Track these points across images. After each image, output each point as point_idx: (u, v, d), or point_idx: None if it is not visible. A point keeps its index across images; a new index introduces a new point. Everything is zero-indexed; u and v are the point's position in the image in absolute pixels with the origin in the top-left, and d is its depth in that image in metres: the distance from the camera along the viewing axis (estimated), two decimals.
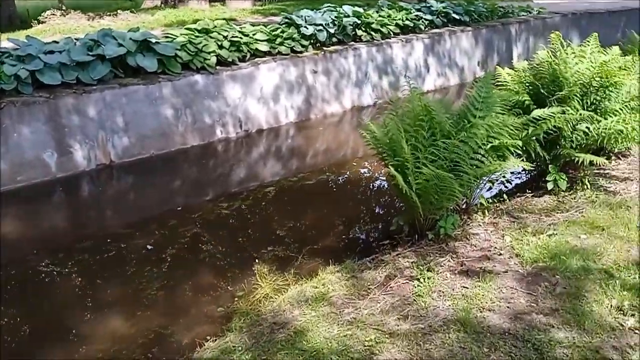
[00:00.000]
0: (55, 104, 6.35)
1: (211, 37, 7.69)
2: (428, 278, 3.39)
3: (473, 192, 4.04)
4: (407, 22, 10.09)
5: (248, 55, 8.06)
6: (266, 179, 6.82)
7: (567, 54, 4.63)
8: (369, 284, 3.48)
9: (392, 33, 9.85)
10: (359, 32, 9.45)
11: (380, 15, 9.88)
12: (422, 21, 10.37)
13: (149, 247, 4.82)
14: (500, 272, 3.33)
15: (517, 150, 3.99)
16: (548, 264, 3.32)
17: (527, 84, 4.55)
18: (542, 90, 4.35)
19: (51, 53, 6.41)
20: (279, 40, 8.43)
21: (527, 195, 4.72)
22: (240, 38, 8.01)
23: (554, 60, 4.42)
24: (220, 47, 7.70)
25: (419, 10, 10.55)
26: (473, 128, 3.67)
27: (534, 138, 4.02)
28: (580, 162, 4.26)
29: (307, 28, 8.70)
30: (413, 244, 3.97)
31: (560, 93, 4.21)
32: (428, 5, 10.84)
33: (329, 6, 9.82)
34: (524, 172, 5.11)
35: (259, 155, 7.72)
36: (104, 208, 6.15)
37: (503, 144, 3.63)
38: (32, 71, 6.22)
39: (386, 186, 5.99)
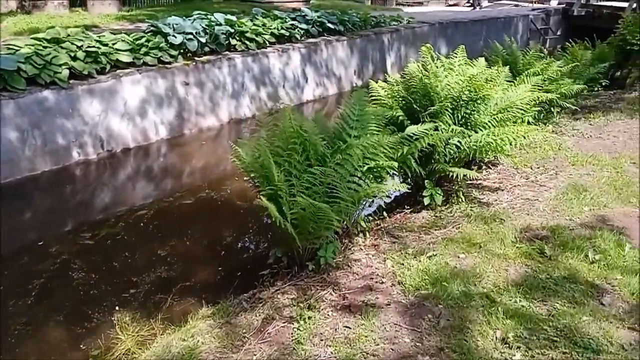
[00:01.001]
0: None
1: (62, 48, 6.83)
2: (309, 318, 3.08)
3: (352, 216, 3.81)
4: (282, 31, 9.85)
5: (108, 67, 7.28)
6: (133, 205, 6.13)
7: (437, 66, 4.61)
8: (244, 331, 3.08)
9: (267, 42, 9.55)
10: (233, 42, 9.03)
11: (254, 24, 9.54)
12: (298, 30, 10.20)
13: None
14: (383, 304, 3.11)
15: (393, 170, 3.85)
16: (430, 292, 3.17)
17: (400, 99, 4.46)
18: (414, 105, 4.27)
19: None
20: (143, 50, 7.75)
21: (406, 211, 4.62)
22: (98, 48, 7.22)
23: (424, 74, 4.36)
24: (74, 58, 6.86)
25: (294, 19, 10.37)
26: (348, 149, 3.44)
27: (409, 156, 3.90)
28: (454, 176, 4.23)
29: (176, 37, 8.10)
30: (293, 277, 3.64)
31: (432, 108, 4.15)
32: (303, 14, 10.71)
33: (200, 14, 9.29)
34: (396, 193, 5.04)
35: (125, 178, 6.99)
36: None
37: (379, 166, 3.44)
38: None
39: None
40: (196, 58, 8.43)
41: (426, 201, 4.41)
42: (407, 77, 4.58)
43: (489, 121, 4.32)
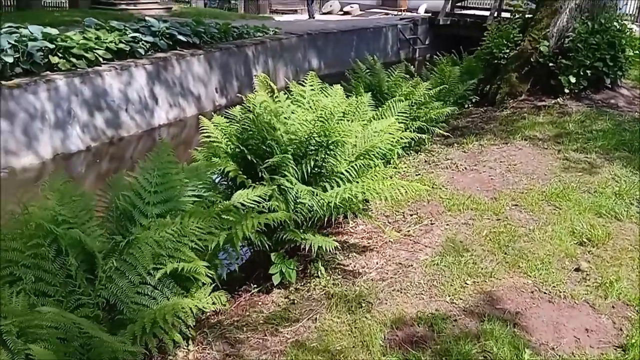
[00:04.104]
0: None
1: None
2: None
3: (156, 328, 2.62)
4: (121, 46, 8.36)
5: None
6: None
7: (278, 100, 3.57)
8: None
9: (102, 59, 8.01)
10: (55, 59, 7.40)
11: (85, 38, 7.95)
12: (142, 44, 8.77)
13: None
14: None
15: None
16: None
17: (232, 146, 3.35)
18: (249, 156, 3.18)
19: None
20: None
21: (254, 290, 3.53)
22: None
23: (259, 113, 3.29)
24: None
25: (136, 30, 8.91)
26: (133, 246, 2.25)
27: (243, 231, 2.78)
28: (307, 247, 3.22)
29: None
30: None
31: (271, 161, 3.09)
32: (148, 24, 9.28)
33: (10, 26, 7.51)
34: (248, 253, 3.94)
35: None
36: None
37: (180, 269, 2.30)
38: None
39: None
40: (3, 82, 6.71)
41: (275, 280, 3.35)
42: (242, 115, 3.50)
43: (346, 170, 3.36)
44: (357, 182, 3.41)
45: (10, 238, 2.21)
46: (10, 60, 6.72)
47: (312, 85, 4.02)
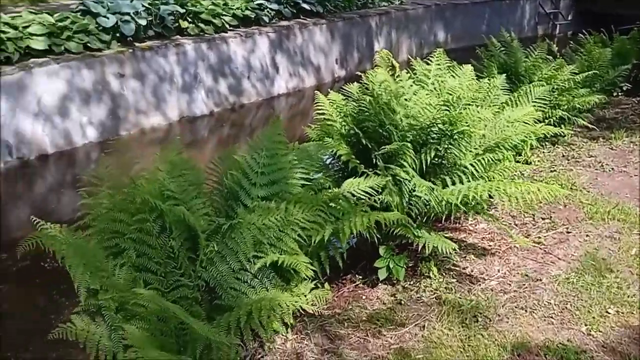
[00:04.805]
0: None
1: None
2: None
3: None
4: (247, 13, 8.40)
5: (17, 55, 5.90)
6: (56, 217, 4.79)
7: (400, 79, 3.22)
8: None
9: (228, 26, 8.11)
10: (184, 24, 7.60)
11: (212, 4, 8.08)
12: (267, 11, 8.75)
13: None
14: None
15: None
16: None
17: (347, 128, 3.09)
18: (363, 140, 2.91)
19: None
20: (66, 34, 6.34)
21: (359, 281, 3.30)
22: (4, 32, 5.82)
23: (379, 94, 2.98)
24: None
25: None
26: (235, 230, 2.10)
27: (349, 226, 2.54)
28: (421, 245, 2.91)
29: (108, 18, 6.68)
30: None
31: (389, 147, 2.79)
32: None
33: None
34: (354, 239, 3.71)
35: (43, 189, 5.71)
36: None
37: (281, 262, 2.11)
38: None
39: None
40: (136, 44, 7.03)
41: (381, 275, 3.10)
42: (360, 93, 3.22)
43: (471, 164, 2.96)
44: (483, 179, 3.01)
45: (118, 209, 2.17)
46: (143, 22, 7.00)
47: (438, 64, 3.62)
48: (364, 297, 3.19)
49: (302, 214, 2.23)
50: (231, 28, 8.20)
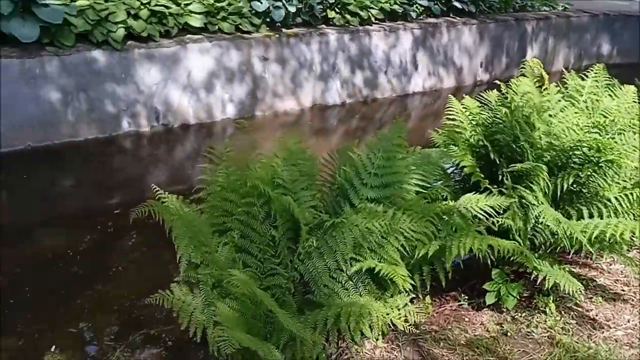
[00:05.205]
0: None
1: (124, 3, 6.03)
2: None
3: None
4: (395, 7, 8.28)
5: (175, 30, 6.40)
6: (183, 187, 5.19)
7: (547, 93, 2.91)
8: None
9: (373, 19, 8.06)
10: (331, 14, 7.70)
11: None
12: (416, 7, 8.55)
13: None
14: None
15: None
16: None
17: (474, 139, 2.87)
18: (492, 154, 2.68)
19: None
20: (221, 14, 6.75)
21: (462, 301, 3.10)
22: (167, 8, 6.34)
23: (519, 108, 2.71)
24: (135, 17, 6.05)
25: None
26: (336, 229, 2.05)
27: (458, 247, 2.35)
28: (540, 278, 2.63)
29: (261, 3, 6.98)
30: None
31: (520, 166, 2.53)
32: None
33: None
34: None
35: (181, 156, 6.18)
36: None
37: (377, 270, 2.01)
38: None
39: None
40: (283, 30, 7.27)
41: (489, 300, 2.87)
42: (497, 102, 2.97)
43: (616, 197, 2.60)
44: (628, 216, 2.62)
45: (230, 189, 2.23)
46: (293, 10, 7.21)
47: (595, 80, 3.22)
48: (466, 319, 2.98)
49: (410, 224, 2.11)
50: (376, 21, 8.15)
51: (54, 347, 2.79)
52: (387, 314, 2.09)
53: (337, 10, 7.75)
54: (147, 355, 2.64)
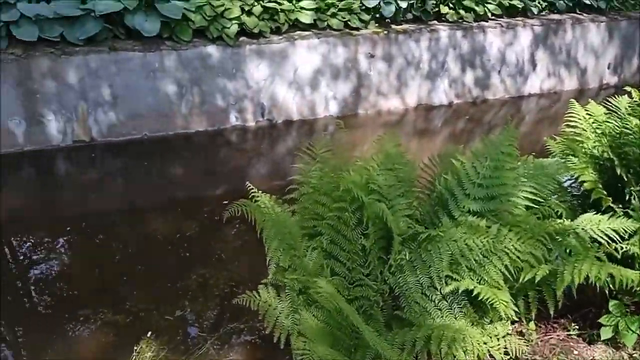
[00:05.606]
0: (28, 64, 5.39)
1: (239, 0, 6.20)
2: None
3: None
4: (514, 2, 7.76)
5: (285, 26, 6.49)
6: (282, 182, 5.34)
7: None
8: None
9: (490, 14, 7.62)
10: (444, 9, 7.39)
11: None
12: (538, 2, 7.95)
13: None
14: None
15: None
16: None
17: (602, 150, 2.55)
18: (618, 169, 2.35)
19: (29, 2, 5.40)
20: (331, 10, 6.73)
21: (572, 331, 2.79)
22: (279, 4, 6.44)
23: None
24: (249, 13, 6.21)
25: None
26: (432, 242, 1.89)
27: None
28: None
29: None
30: None
31: None
32: None
33: None
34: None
35: (285, 151, 6.28)
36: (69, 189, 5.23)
37: (476, 294, 1.82)
38: (6, 22, 5.28)
39: None
40: (392, 26, 7.10)
41: (604, 334, 2.55)
42: (629, 109, 2.62)
43: None
44: None
45: (322, 192, 2.16)
46: (404, 5, 7.01)
47: None
48: (575, 352, 2.68)
49: (516, 243, 1.89)
50: (492, 17, 7.70)
51: (149, 332, 2.91)
52: (485, 343, 1.90)
53: (450, 5, 7.42)
54: (235, 352, 2.67)
